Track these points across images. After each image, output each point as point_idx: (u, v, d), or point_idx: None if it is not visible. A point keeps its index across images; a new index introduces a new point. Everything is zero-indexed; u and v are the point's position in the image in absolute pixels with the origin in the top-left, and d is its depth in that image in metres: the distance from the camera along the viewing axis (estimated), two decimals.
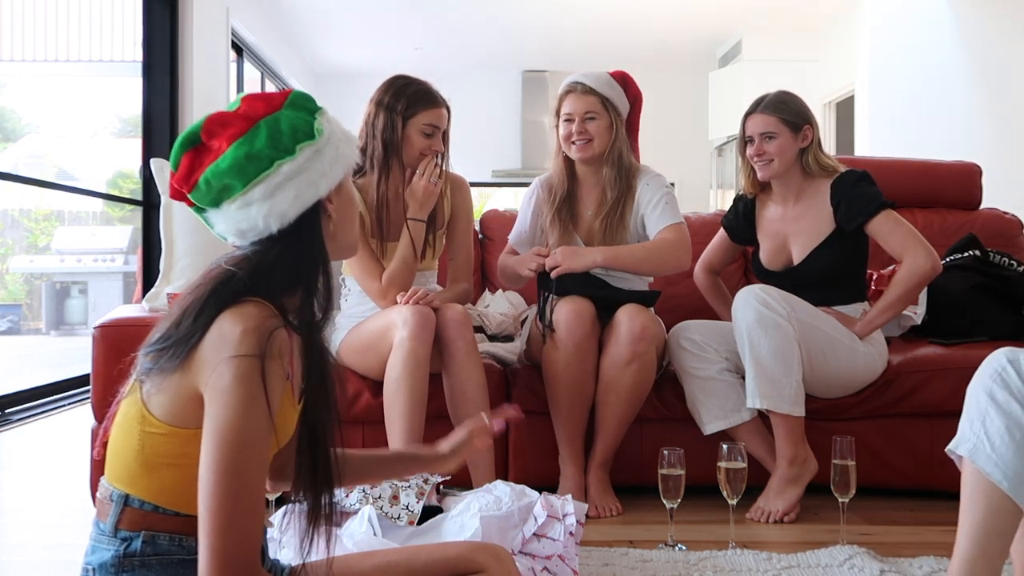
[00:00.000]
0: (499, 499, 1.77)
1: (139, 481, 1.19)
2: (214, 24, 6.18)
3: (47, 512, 2.53)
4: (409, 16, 8.18)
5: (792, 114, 2.54)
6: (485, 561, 1.32)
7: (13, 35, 8.06)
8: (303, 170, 1.23)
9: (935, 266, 2.44)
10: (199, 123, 1.25)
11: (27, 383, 4.45)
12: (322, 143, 1.26)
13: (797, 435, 2.37)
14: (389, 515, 1.81)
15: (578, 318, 2.38)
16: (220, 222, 1.26)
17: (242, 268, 1.21)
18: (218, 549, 1.09)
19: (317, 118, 1.27)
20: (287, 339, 1.19)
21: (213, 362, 1.13)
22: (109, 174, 8.53)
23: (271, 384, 1.14)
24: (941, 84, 6.07)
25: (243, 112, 1.24)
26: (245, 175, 1.21)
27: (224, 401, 1.12)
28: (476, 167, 9.67)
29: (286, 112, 1.25)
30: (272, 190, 1.22)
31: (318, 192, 1.25)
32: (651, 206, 2.55)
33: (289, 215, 1.23)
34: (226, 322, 1.15)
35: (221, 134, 1.23)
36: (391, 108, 2.43)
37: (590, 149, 2.56)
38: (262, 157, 1.21)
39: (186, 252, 2.66)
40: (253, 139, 1.22)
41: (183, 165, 1.24)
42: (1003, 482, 1.46)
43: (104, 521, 1.21)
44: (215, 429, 1.12)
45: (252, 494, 1.12)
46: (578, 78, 2.58)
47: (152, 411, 1.18)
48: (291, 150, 1.23)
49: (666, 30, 8.58)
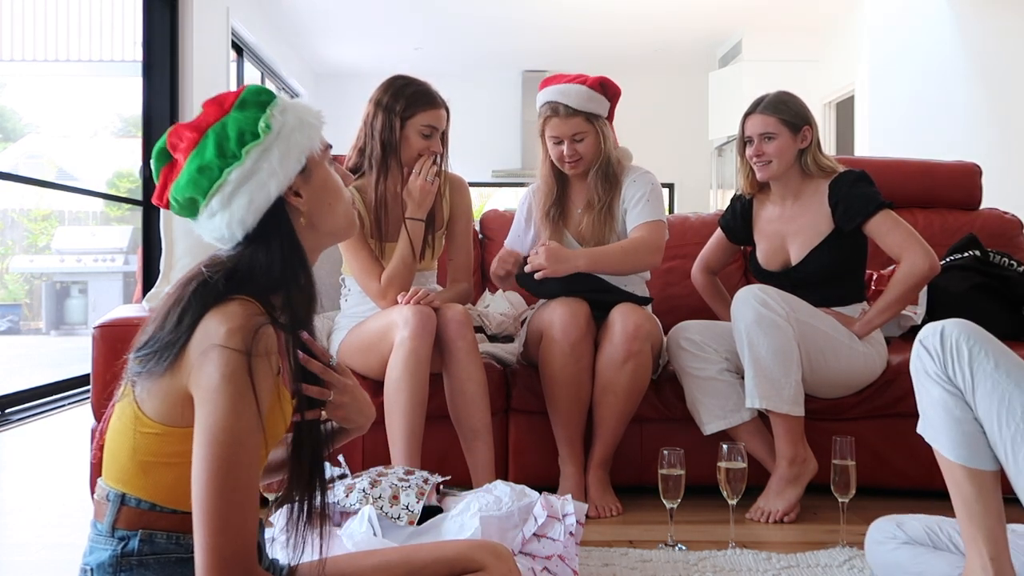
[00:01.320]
0: (499, 499, 1.77)
1: (135, 480, 1.19)
2: (214, 24, 6.18)
3: (47, 512, 2.53)
4: (409, 16, 8.18)
5: (791, 115, 2.54)
6: (484, 559, 1.32)
7: (13, 35, 8.06)
8: (252, 173, 1.21)
9: (933, 266, 2.44)
10: (164, 136, 1.26)
11: (27, 383, 4.45)
12: (269, 140, 1.22)
13: (797, 435, 2.37)
14: (389, 515, 1.81)
15: (573, 319, 2.38)
16: (200, 230, 1.27)
17: (217, 272, 1.21)
18: (214, 547, 1.10)
19: (267, 113, 1.24)
20: (275, 336, 1.18)
21: (199, 360, 1.13)
22: (109, 174, 8.53)
23: (259, 382, 1.13)
24: (941, 84, 6.07)
25: (197, 122, 1.24)
26: (200, 188, 1.22)
27: (213, 400, 1.12)
28: (476, 167, 9.68)
29: (233, 115, 1.23)
30: (227, 199, 1.21)
31: (269, 193, 1.23)
32: (633, 202, 2.57)
33: (248, 221, 1.22)
34: (211, 322, 1.15)
35: (180, 147, 1.24)
36: (390, 109, 2.43)
37: (582, 165, 2.59)
38: (212, 167, 1.21)
39: (186, 252, 2.66)
40: (203, 150, 1.22)
41: (161, 179, 1.26)
42: (951, 453, 1.56)
43: (101, 521, 1.21)
44: (205, 428, 1.12)
45: (244, 492, 1.12)
46: (559, 98, 2.53)
47: (145, 412, 1.18)
48: (237, 155, 1.21)
49: (666, 30, 8.58)
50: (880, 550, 1.80)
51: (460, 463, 2.34)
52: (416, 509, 1.82)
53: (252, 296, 1.20)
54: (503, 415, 2.57)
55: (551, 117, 2.54)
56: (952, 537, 1.72)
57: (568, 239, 2.63)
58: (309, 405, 1.26)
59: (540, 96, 2.60)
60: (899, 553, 1.76)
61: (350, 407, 1.35)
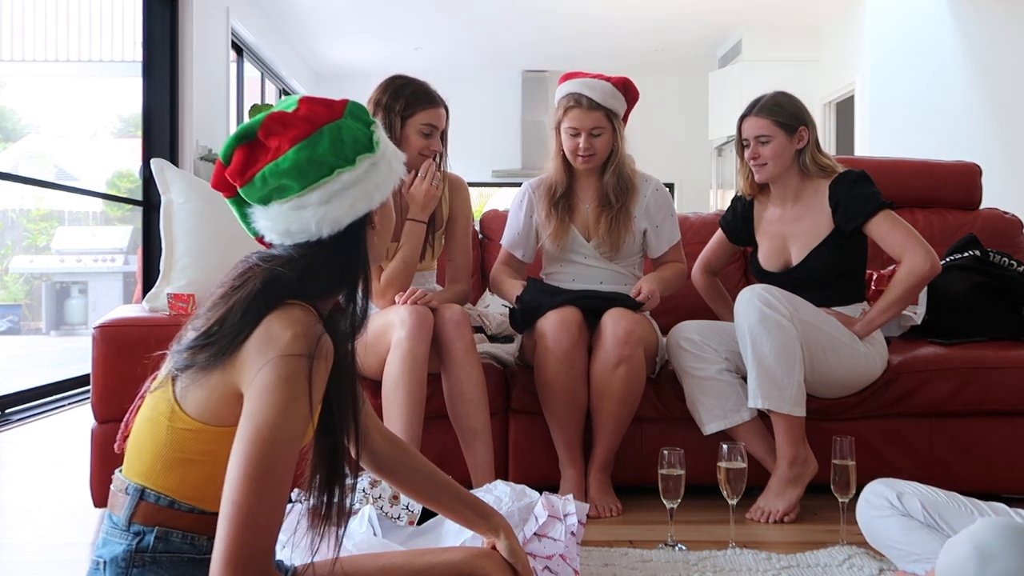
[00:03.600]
0: (499, 499, 1.77)
1: (159, 476, 1.19)
2: (214, 24, 6.18)
3: (47, 512, 2.52)
4: (409, 16, 8.18)
5: (786, 116, 2.54)
6: (489, 568, 1.32)
7: (13, 35, 8.07)
8: (360, 180, 1.25)
9: (934, 266, 2.43)
10: (258, 119, 1.25)
11: (27, 383, 4.45)
12: (379, 156, 1.28)
13: (798, 435, 2.37)
14: (389, 515, 1.81)
15: (564, 326, 2.39)
16: (265, 219, 1.26)
17: (291, 269, 1.22)
18: (235, 543, 1.09)
19: (374, 131, 1.29)
20: (331, 344, 1.20)
21: (258, 362, 1.14)
22: (109, 174, 8.53)
23: (316, 385, 1.15)
24: (941, 84, 6.07)
25: (304, 115, 1.25)
26: (305, 178, 1.22)
27: (266, 399, 1.12)
28: (476, 167, 9.68)
29: (347, 122, 1.26)
30: (329, 196, 1.23)
31: (371, 203, 1.27)
32: (661, 216, 2.68)
33: (342, 222, 1.25)
34: (275, 324, 1.16)
35: (282, 134, 1.23)
36: (389, 108, 2.43)
37: (594, 161, 2.60)
38: (323, 163, 1.23)
39: (186, 252, 2.65)
40: (316, 144, 1.23)
41: (237, 159, 1.25)
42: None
43: (117, 514, 1.21)
44: (253, 426, 1.12)
45: (278, 492, 1.13)
46: (583, 90, 2.55)
47: (184, 407, 1.18)
48: (351, 160, 1.24)
49: (666, 30, 8.58)
50: (872, 513, 1.84)
51: (459, 463, 2.33)
52: (416, 509, 1.82)
53: (308, 302, 1.22)
54: (503, 415, 2.57)
55: (573, 108, 2.55)
56: (947, 519, 1.73)
57: (574, 233, 2.64)
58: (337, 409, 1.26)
59: (562, 88, 2.61)
60: (891, 522, 1.79)
61: None
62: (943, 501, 1.78)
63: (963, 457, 2.54)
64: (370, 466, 1.49)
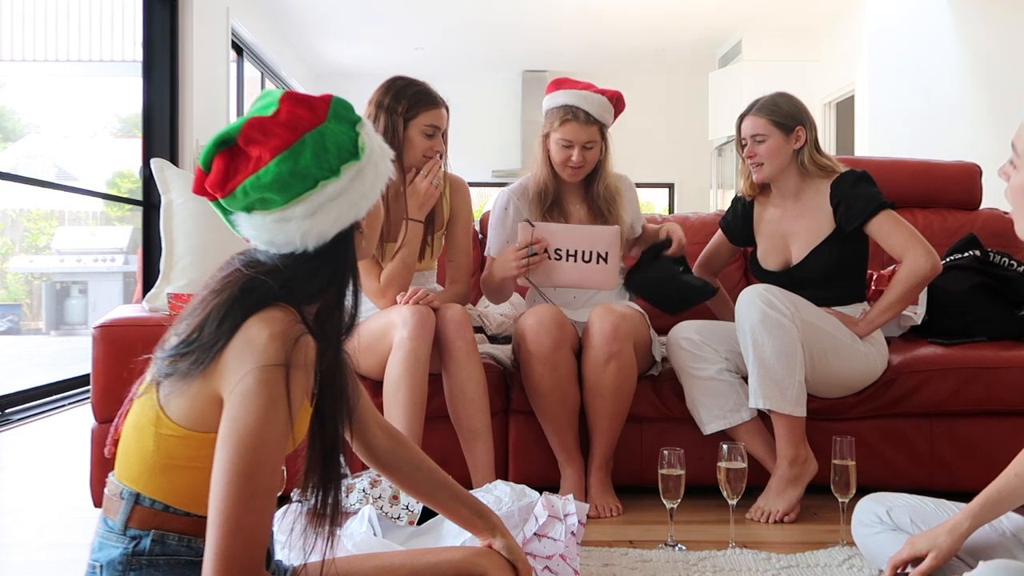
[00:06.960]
0: (499, 499, 1.77)
1: (151, 481, 1.18)
2: (214, 24, 6.18)
3: (47, 512, 2.52)
4: (409, 16, 8.18)
5: (783, 116, 2.54)
6: (489, 566, 1.32)
7: (13, 35, 8.06)
8: (345, 191, 1.20)
9: (935, 266, 2.43)
10: (237, 125, 1.19)
11: (27, 383, 4.45)
12: (364, 162, 1.22)
13: (798, 435, 2.37)
14: (389, 515, 1.81)
15: (542, 328, 2.38)
16: (249, 227, 1.22)
17: (273, 279, 1.19)
18: (224, 551, 1.09)
19: (359, 132, 1.23)
20: (313, 345, 1.18)
21: (239, 369, 1.13)
22: (109, 174, 8.53)
23: (294, 391, 1.13)
24: (941, 84, 6.07)
25: (285, 120, 1.19)
26: (288, 191, 1.18)
27: (245, 405, 1.11)
28: (476, 167, 9.68)
29: (331, 126, 1.20)
30: (314, 209, 1.19)
31: (358, 212, 1.23)
32: (633, 205, 2.76)
33: (328, 234, 1.21)
34: (253, 327, 1.14)
35: (263, 143, 1.18)
36: (391, 110, 2.43)
37: (583, 173, 2.61)
38: (307, 176, 1.18)
39: (186, 252, 2.66)
40: (298, 155, 1.17)
41: (217, 168, 1.20)
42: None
43: (112, 518, 1.20)
44: (233, 432, 1.11)
45: (264, 498, 1.12)
46: (580, 103, 2.54)
47: (169, 414, 1.17)
48: (336, 170, 1.19)
49: (666, 30, 8.58)
50: (864, 531, 1.87)
51: (460, 463, 2.34)
52: (416, 509, 1.82)
53: (290, 304, 1.19)
54: (503, 415, 2.57)
55: (570, 121, 2.53)
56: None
57: None
58: (329, 410, 1.24)
59: (554, 98, 2.59)
60: (883, 538, 1.81)
61: None
62: (931, 510, 1.79)
63: (963, 457, 2.54)
64: (368, 460, 1.48)
